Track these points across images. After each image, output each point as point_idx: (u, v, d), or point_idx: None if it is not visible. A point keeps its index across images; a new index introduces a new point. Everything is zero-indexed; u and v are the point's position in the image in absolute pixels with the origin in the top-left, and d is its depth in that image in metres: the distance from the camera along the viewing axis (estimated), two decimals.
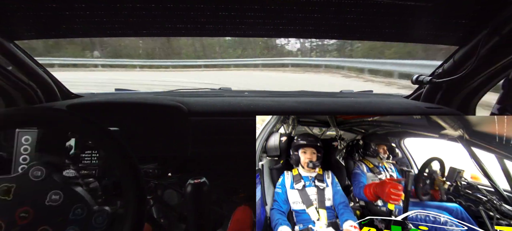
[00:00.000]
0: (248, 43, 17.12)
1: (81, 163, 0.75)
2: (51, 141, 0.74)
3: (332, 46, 12.75)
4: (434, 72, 1.00)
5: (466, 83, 0.93)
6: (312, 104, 0.97)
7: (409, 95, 1.20)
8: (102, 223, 0.52)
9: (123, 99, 0.92)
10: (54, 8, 0.75)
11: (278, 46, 16.78)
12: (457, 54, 0.91)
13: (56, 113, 0.52)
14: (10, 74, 0.88)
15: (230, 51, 17.83)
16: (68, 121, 0.50)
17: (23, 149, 0.73)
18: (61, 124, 0.51)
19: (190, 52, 17.79)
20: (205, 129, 0.88)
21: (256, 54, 15.80)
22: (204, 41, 16.50)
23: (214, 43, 17.59)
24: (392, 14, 0.78)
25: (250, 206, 0.43)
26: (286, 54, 14.56)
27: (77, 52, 11.97)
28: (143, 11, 0.77)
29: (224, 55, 17.50)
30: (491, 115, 0.85)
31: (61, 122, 0.50)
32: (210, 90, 1.37)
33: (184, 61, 13.41)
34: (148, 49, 15.39)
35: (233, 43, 17.60)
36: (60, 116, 0.51)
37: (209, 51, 18.41)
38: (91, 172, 0.69)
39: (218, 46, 18.87)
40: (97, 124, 0.50)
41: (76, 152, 0.71)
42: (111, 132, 0.48)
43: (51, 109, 0.69)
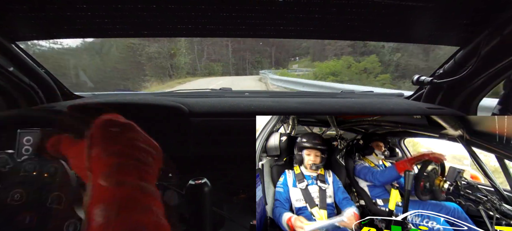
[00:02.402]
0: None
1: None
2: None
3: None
4: (435, 72, 1.00)
5: (467, 84, 0.93)
6: (312, 105, 0.97)
7: (410, 95, 1.20)
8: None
9: (124, 100, 0.92)
10: (55, 9, 0.75)
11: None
12: (458, 55, 0.91)
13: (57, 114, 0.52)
14: (11, 75, 0.88)
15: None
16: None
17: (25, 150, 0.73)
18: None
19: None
20: (206, 130, 0.88)
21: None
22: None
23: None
24: (393, 14, 0.78)
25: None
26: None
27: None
28: (144, 12, 0.77)
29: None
30: (492, 115, 0.86)
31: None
32: (211, 90, 1.37)
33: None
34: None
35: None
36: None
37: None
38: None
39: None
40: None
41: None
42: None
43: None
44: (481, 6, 0.71)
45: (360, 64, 13.37)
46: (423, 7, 0.73)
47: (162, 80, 17.47)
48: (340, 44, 18.24)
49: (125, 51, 13.73)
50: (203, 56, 27.79)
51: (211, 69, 27.35)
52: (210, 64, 28.04)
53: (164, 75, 18.30)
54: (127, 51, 13.81)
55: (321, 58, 28.51)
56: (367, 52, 15.23)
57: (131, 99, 0.94)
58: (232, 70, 30.85)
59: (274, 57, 32.71)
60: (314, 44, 23.80)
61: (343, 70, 13.19)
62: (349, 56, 15.18)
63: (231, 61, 31.62)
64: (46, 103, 1.01)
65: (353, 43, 15.79)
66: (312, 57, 30.80)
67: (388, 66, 13.75)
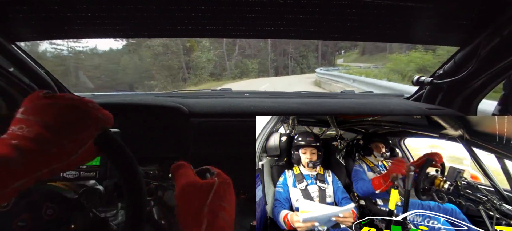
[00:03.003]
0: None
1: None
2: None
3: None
4: (435, 73, 1.00)
5: (467, 84, 0.93)
6: (312, 105, 0.97)
7: (410, 96, 1.20)
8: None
9: (124, 100, 0.92)
10: (55, 9, 0.75)
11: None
12: (458, 55, 0.91)
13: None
14: (11, 76, 0.88)
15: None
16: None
17: None
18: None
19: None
20: (206, 130, 0.88)
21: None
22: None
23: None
24: (393, 15, 0.78)
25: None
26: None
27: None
28: (144, 12, 0.78)
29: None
30: (492, 115, 0.86)
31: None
32: (211, 91, 1.37)
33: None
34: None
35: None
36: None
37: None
38: (91, 173, 0.69)
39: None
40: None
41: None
42: (112, 134, 0.48)
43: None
44: (481, 7, 0.71)
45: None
46: (423, 8, 0.73)
47: (174, 84, 13.36)
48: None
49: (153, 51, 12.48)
50: (234, 51, 21.46)
51: (244, 68, 21.71)
52: (243, 61, 22.11)
53: (175, 78, 13.92)
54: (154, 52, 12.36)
55: (372, 51, 25.95)
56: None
57: (131, 99, 0.94)
58: (271, 69, 25.11)
59: (321, 50, 27.32)
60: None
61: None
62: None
63: (270, 56, 25.35)
64: None
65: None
66: (361, 50, 28.02)
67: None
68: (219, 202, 0.38)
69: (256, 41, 22.74)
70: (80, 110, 0.36)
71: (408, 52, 11.76)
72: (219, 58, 19.95)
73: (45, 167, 0.31)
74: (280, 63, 27.06)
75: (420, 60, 10.23)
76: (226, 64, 21.03)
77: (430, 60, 9.78)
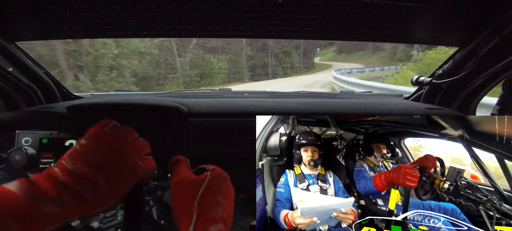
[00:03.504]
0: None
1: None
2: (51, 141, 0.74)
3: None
4: (434, 73, 1.01)
5: (466, 84, 0.93)
6: (312, 105, 0.97)
7: (409, 96, 1.21)
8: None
9: (123, 100, 0.92)
10: (55, 9, 0.75)
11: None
12: (457, 55, 0.91)
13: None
14: (11, 76, 0.88)
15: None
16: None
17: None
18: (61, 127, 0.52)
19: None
20: (205, 130, 0.88)
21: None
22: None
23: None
24: (393, 15, 0.78)
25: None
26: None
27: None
28: (143, 12, 0.77)
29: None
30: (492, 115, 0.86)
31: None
32: (210, 91, 1.37)
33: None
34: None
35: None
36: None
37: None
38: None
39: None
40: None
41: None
42: (143, 191, 0.49)
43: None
44: (480, 7, 0.72)
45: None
46: (422, 8, 0.73)
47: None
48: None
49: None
50: (191, 41, 13.09)
51: (207, 67, 13.54)
52: (204, 57, 13.80)
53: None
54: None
55: (350, 49, 24.91)
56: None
57: (130, 99, 0.94)
58: (246, 69, 17.36)
59: (303, 48, 22.74)
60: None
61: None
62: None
63: (246, 51, 17.38)
64: (45, 103, 1.01)
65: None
66: (339, 49, 26.83)
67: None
68: (212, 196, 0.38)
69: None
70: (129, 160, 0.37)
71: (424, 51, 10.62)
72: (162, 52, 11.78)
73: (77, 214, 0.31)
74: (258, 61, 19.64)
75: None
76: (176, 62, 12.52)
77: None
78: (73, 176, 0.31)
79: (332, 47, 27.64)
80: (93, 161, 0.33)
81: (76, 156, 0.34)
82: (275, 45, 19.74)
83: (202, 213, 0.35)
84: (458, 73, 0.88)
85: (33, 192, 0.29)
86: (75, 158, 0.33)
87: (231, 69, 16.25)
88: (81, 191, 0.31)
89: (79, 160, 0.33)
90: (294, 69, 21.59)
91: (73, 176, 0.31)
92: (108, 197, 0.34)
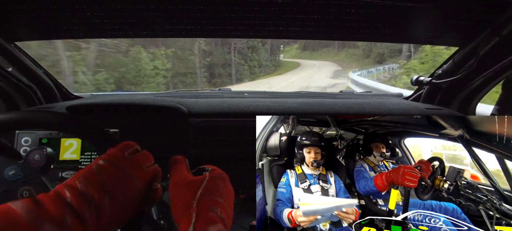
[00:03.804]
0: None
1: (80, 164, 0.76)
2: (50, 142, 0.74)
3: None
4: (434, 73, 1.01)
5: (466, 84, 0.93)
6: (312, 105, 0.97)
7: (409, 96, 1.21)
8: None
9: (123, 100, 0.92)
10: (54, 9, 0.75)
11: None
12: (457, 55, 0.91)
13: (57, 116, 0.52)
14: (11, 76, 0.88)
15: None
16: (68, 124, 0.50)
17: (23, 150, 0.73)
18: (61, 127, 0.51)
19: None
20: (205, 130, 0.88)
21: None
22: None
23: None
24: (393, 15, 0.78)
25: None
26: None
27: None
28: (143, 12, 0.77)
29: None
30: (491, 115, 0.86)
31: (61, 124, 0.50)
32: (210, 91, 1.37)
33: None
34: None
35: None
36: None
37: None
38: None
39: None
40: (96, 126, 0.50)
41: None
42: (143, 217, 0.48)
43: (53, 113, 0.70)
44: (480, 7, 0.72)
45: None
46: (422, 8, 0.73)
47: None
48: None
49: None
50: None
51: (131, 70, 8.11)
52: (131, 50, 8.39)
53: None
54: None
55: (315, 46, 23.61)
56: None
57: (130, 99, 0.94)
58: (202, 71, 12.25)
59: (270, 43, 18.47)
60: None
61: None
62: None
63: (200, 46, 11.98)
64: (45, 103, 1.01)
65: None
66: (303, 46, 25.48)
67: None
68: (211, 197, 0.38)
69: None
70: (138, 190, 0.37)
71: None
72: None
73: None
74: (217, 58, 14.15)
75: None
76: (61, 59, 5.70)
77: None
78: (81, 198, 0.32)
79: (295, 44, 25.97)
80: (105, 184, 0.34)
81: (91, 178, 0.34)
82: (239, 40, 14.38)
83: (201, 214, 0.35)
84: (458, 73, 0.88)
85: (37, 214, 0.29)
86: (89, 180, 0.33)
87: (178, 69, 10.98)
88: (85, 215, 0.31)
89: (92, 182, 0.33)
90: (262, 68, 17.08)
91: (81, 198, 0.32)
92: (110, 223, 0.34)
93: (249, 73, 15.27)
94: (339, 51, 23.07)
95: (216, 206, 0.37)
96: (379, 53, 17.71)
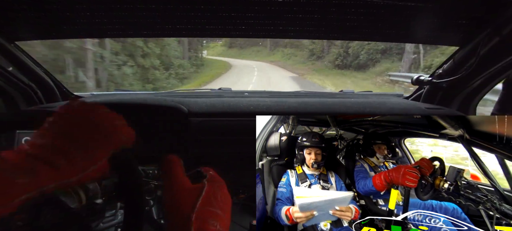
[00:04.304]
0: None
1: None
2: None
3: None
4: (434, 72, 1.01)
5: (466, 84, 0.93)
6: (312, 105, 0.97)
7: (409, 95, 1.20)
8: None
9: (123, 100, 0.92)
10: (55, 9, 0.75)
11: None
12: (458, 55, 0.91)
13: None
14: (11, 75, 0.88)
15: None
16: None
17: None
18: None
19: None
20: (205, 130, 0.88)
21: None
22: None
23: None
24: (393, 14, 0.78)
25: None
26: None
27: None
28: (143, 12, 0.77)
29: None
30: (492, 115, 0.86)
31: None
32: (210, 90, 1.37)
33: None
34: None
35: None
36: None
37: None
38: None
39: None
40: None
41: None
42: (128, 156, 0.48)
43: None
44: (480, 6, 0.71)
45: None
46: (422, 7, 0.73)
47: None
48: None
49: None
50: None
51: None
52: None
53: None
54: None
55: (243, 44, 20.34)
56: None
57: (130, 99, 0.94)
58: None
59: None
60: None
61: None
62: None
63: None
64: (45, 103, 1.01)
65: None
66: (229, 43, 21.85)
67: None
68: (210, 208, 0.37)
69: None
70: (103, 127, 0.36)
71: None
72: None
73: (52, 182, 0.30)
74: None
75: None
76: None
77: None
78: (44, 148, 0.31)
79: (220, 41, 22.76)
80: (64, 132, 0.33)
81: (46, 132, 0.33)
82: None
83: (200, 228, 0.34)
84: (458, 73, 0.88)
85: (2, 165, 0.28)
86: (45, 133, 0.33)
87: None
88: (53, 159, 0.30)
89: (49, 135, 0.32)
90: (173, 69, 10.03)
91: (43, 148, 0.31)
92: (85, 165, 0.33)
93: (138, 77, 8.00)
94: (272, 51, 19.50)
95: (215, 219, 0.36)
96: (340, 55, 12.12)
